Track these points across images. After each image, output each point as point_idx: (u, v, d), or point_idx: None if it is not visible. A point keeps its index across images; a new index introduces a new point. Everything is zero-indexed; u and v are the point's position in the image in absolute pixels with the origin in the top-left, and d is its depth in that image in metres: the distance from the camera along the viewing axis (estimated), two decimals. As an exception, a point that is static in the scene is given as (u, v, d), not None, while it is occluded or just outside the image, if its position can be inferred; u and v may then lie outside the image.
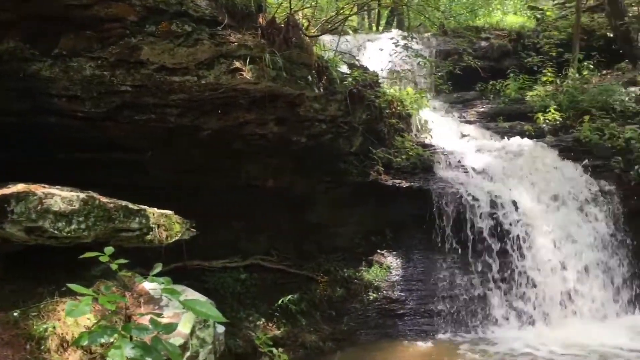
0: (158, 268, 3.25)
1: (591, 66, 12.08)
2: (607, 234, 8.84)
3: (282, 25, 6.44)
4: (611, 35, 12.75)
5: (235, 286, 7.43)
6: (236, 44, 5.78)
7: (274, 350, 4.81)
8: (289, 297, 7.48)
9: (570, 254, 8.53)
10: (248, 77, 5.83)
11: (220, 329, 4.72)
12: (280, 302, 7.41)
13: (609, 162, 9.42)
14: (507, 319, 8.10)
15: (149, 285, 4.42)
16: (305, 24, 7.59)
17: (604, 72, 12.57)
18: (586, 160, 9.48)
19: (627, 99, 10.50)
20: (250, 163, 8.02)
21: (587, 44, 13.05)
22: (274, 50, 6.08)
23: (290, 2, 6.90)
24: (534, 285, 8.27)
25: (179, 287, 4.19)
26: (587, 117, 10.17)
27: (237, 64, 5.77)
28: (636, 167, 9.05)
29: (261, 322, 7.07)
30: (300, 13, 7.60)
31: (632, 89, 10.93)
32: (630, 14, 12.41)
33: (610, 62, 12.69)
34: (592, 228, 8.83)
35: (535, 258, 8.39)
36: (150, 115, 6.23)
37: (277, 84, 6.28)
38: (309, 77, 6.84)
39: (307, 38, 7.06)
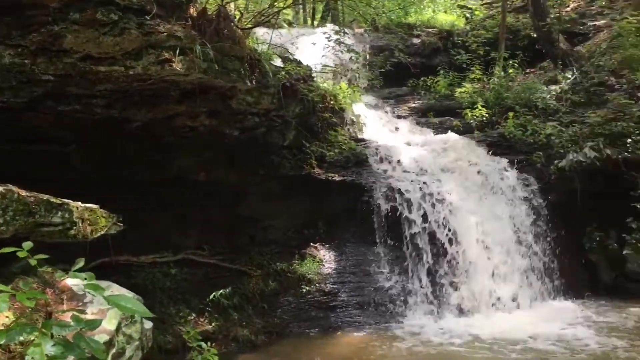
0: (80, 263, 3.15)
1: (516, 65, 12.56)
2: (529, 226, 9.23)
3: (214, 17, 6.36)
4: (534, 35, 13.27)
5: (165, 281, 7.30)
6: (165, 34, 5.67)
7: (203, 344, 4.77)
8: (221, 291, 7.42)
9: (495, 245, 8.86)
10: (178, 69, 5.73)
11: (148, 324, 4.64)
12: (212, 296, 7.34)
13: (531, 157, 9.85)
14: (436, 309, 8.31)
15: (71, 282, 4.28)
16: (238, 16, 7.52)
17: (528, 70, 13.07)
18: (510, 155, 9.91)
19: (548, 96, 10.98)
20: (181, 156, 7.89)
21: (512, 43, 13.54)
22: (205, 42, 6.00)
23: (222, -7, 6.82)
24: (462, 276, 8.53)
25: (103, 283, 4.10)
26: (511, 114, 10.59)
27: (167, 55, 5.65)
28: (556, 161, 9.48)
29: (192, 318, 6.98)
30: (232, 4, 7.53)
31: (553, 87, 11.43)
32: (552, 15, 12.95)
33: (534, 61, 13.20)
34: (515, 220, 9.20)
35: (463, 250, 8.66)
36: (74, 106, 6.02)
37: (208, 76, 6.20)
38: (241, 70, 6.78)
39: (239, 30, 7.01)
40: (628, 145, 9.26)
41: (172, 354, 6.19)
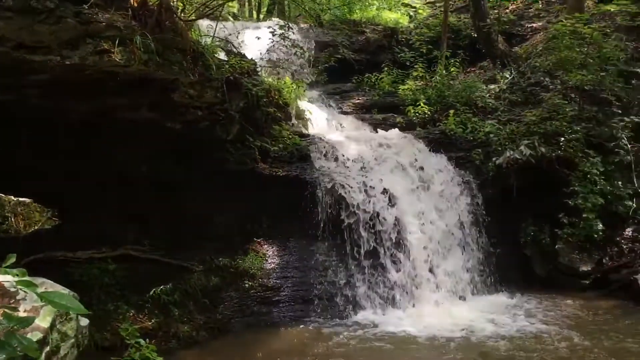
0: (11, 259, 3.04)
1: (457, 63, 12.83)
2: (467, 221, 9.49)
3: (155, 8, 6.23)
4: (475, 35, 13.61)
5: (104, 278, 7.11)
6: (104, 24, 5.52)
7: (142, 341, 4.68)
8: (162, 287, 7.30)
9: (434, 240, 9.06)
10: (117, 60, 5.59)
11: (84, 322, 4.52)
12: (152, 292, 7.21)
13: (471, 154, 10.12)
14: (377, 302, 8.45)
15: (2, 278, 4.11)
16: (180, 7, 7.39)
17: (469, 69, 13.40)
18: (450, 152, 10.16)
19: (487, 95, 11.31)
20: (122, 149, 7.70)
21: (454, 43, 13.85)
22: (146, 33, 5.87)
23: (164, -16, 6.66)
24: (403, 271, 8.69)
25: (37, 280, 3.97)
26: (452, 112, 10.84)
27: (105, 45, 5.51)
28: (494, 158, 9.79)
29: (131, 314, 6.83)
30: (174, -5, 7.39)
31: (492, 86, 11.78)
32: (492, 16, 13.33)
33: (474, 60, 13.54)
34: (454, 215, 9.44)
35: (405, 245, 8.82)
36: (6, 96, 5.79)
37: (149, 68, 6.08)
38: (184, 63, 6.67)
39: (182, 22, 6.89)
40: (561, 143, 9.67)
41: (110, 352, 6.02)
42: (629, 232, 9.41)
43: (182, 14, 7.34)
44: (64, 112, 6.56)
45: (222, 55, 9.10)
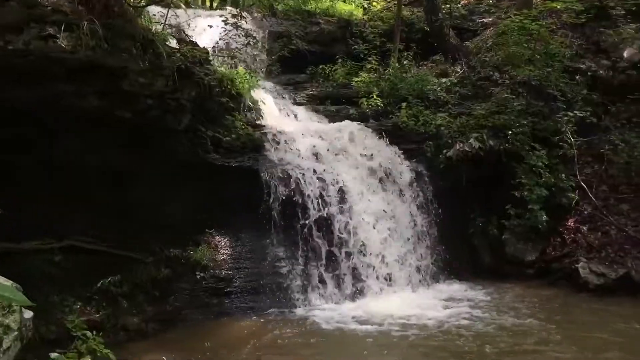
0: (-51, 250, 2.94)
1: (410, 57, 12.95)
2: (418, 212, 9.66)
3: (103, -7, 6.08)
4: (428, 29, 13.76)
5: (49, 269, 6.93)
6: (50, 8, 5.37)
7: (88, 333, 4.60)
8: (110, 278, 7.17)
9: (386, 230, 9.19)
10: (63, 45, 5.44)
11: (28, 314, 4.41)
12: (99, 284, 7.07)
13: (422, 146, 10.29)
14: (328, 294, 8.53)
15: (-60, 270, 3.98)
16: (130, -7, 7.23)
17: (421, 63, 13.53)
18: (403, 144, 10.30)
19: (439, 89, 11.47)
20: (69, 137, 7.49)
21: (407, 36, 13.93)
22: (94, 19, 5.72)
23: (113, -32, 6.50)
24: (355, 261, 8.79)
25: (-23, 271, 3.84)
26: (405, 104, 10.96)
27: (51, 30, 5.35)
28: (444, 151, 9.98)
29: (78, 306, 6.69)
30: (124, -19, 7.20)
31: (444, 80, 11.96)
32: (444, 11, 13.53)
33: (427, 54, 13.66)
34: (406, 206, 9.60)
35: (356, 235, 8.92)
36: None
37: (97, 55, 5.93)
38: (133, 50, 6.53)
39: (132, 8, 6.74)
40: (509, 137, 9.93)
41: (56, 344, 5.88)
42: (571, 222, 9.76)
43: (132, 0, 7.18)
44: (6, 99, 6.32)
45: (173, 43, 8.92)
